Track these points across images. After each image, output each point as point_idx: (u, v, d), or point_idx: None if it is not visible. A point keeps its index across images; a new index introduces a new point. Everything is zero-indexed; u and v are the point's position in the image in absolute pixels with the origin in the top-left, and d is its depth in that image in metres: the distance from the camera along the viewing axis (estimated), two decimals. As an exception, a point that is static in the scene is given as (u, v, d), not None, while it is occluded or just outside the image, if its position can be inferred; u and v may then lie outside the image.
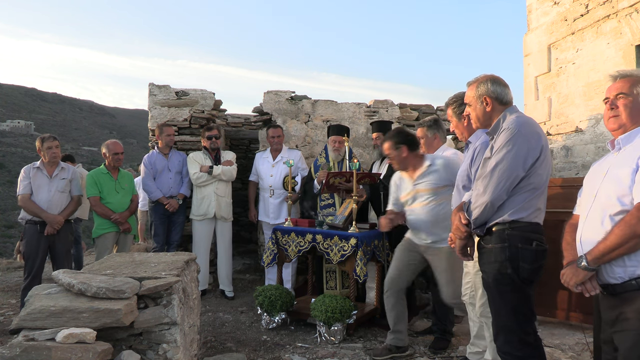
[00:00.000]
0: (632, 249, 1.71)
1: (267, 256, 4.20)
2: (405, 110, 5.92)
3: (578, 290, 1.87)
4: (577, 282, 1.85)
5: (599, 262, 1.79)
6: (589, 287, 1.84)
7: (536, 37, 5.27)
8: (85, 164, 13.68)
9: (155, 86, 5.45)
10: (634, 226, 1.69)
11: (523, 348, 2.16)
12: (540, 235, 2.19)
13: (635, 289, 1.72)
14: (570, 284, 1.88)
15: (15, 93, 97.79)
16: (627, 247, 1.71)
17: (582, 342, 3.39)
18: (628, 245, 1.71)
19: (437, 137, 3.70)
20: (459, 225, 2.31)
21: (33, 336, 2.01)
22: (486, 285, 2.29)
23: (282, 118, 5.71)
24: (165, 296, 2.44)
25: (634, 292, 1.73)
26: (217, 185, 4.94)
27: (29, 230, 4.27)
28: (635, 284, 1.72)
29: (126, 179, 4.75)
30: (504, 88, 2.36)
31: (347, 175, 4.21)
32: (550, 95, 5.09)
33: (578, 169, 4.65)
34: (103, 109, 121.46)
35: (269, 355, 3.41)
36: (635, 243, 1.70)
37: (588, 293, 1.85)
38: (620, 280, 1.76)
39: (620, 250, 1.72)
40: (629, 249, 1.71)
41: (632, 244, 1.70)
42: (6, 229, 39.51)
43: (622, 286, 1.76)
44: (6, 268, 6.96)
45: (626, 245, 1.71)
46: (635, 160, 1.76)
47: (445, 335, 3.59)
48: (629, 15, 4.08)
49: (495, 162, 2.15)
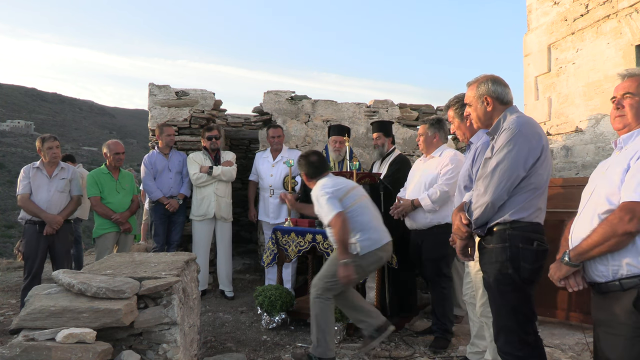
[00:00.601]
0: (613, 248, 1.72)
1: (267, 256, 4.20)
2: (405, 110, 5.92)
3: (561, 285, 1.90)
4: (560, 277, 1.88)
5: (581, 259, 1.81)
6: (572, 282, 1.87)
7: (536, 37, 5.27)
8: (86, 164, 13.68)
9: (155, 86, 5.45)
10: (615, 225, 1.69)
11: (523, 348, 2.16)
12: (541, 235, 2.19)
13: (619, 290, 1.72)
14: (554, 278, 1.91)
15: (15, 93, 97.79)
16: (608, 245, 1.72)
17: (582, 342, 3.40)
18: (608, 243, 1.71)
19: (437, 137, 3.70)
20: (460, 225, 2.31)
21: (33, 336, 2.01)
22: (487, 285, 2.29)
23: (282, 118, 5.71)
24: (165, 296, 2.44)
25: (619, 292, 1.73)
26: (217, 185, 4.94)
27: (28, 230, 4.27)
28: (619, 284, 1.72)
29: (127, 179, 4.75)
30: (505, 88, 2.36)
31: (347, 175, 4.20)
32: (550, 95, 5.09)
33: (578, 169, 4.65)
34: (103, 109, 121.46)
35: (269, 355, 3.41)
36: (615, 242, 1.70)
37: (571, 288, 1.88)
38: (604, 279, 1.77)
39: (601, 248, 1.74)
40: (609, 247, 1.72)
41: (613, 242, 1.71)
42: (6, 229, 39.52)
43: (607, 286, 1.76)
44: (6, 268, 6.96)
45: (607, 244, 1.72)
46: (628, 159, 1.77)
47: (445, 334, 3.58)
48: (629, 15, 4.08)
49: (496, 162, 2.15)
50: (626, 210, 1.68)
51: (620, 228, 1.68)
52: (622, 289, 1.71)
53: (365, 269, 3.19)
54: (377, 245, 3.16)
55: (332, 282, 3.12)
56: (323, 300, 3.15)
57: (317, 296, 3.16)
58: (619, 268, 1.72)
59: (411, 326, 4.04)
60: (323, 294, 3.15)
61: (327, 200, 3.09)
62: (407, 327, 4.01)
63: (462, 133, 3.05)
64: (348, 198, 3.18)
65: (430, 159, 3.72)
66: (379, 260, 3.22)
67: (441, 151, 3.67)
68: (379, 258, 3.20)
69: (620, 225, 1.67)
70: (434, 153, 3.70)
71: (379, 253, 3.18)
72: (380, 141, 4.40)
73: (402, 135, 5.78)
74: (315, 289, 3.18)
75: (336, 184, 3.22)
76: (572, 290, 1.88)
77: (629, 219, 1.66)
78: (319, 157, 3.39)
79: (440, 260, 3.57)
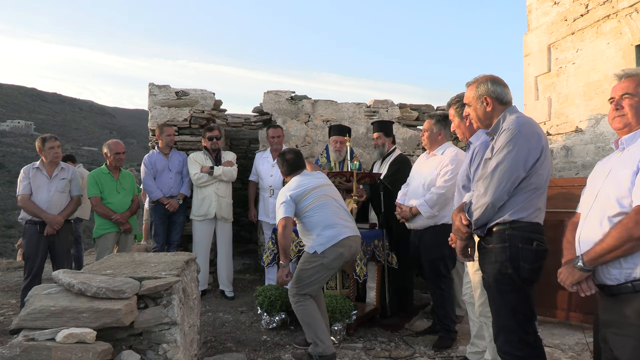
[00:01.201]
0: (628, 252, 1.71)
1: (267, 256, 4.20)
2: (405, 110, 5.92)
3: (573, 290, 1.88)
4: (572, 282, 1.85)
5: (595, 264, 1.78)
6: (584, 287, 1.84)
7: (536, 37, 5.27)
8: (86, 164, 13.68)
9: (155, 86, 5.45)
10: (631, 229, 1.68)
11: (523, 348, 2.16)
12: (540, 235, 2.19)
13: (631, 292, 1.71)
14: (566, 284, 1.88)
15: (15, 93, 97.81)
16: (623, 249, 1.70)
17: (582, 342, 3.40)
18: (624, 247, 1.70)
19: (442, 134, 3.65)
20: (460, 226, 2.31)
21: (33, 336, 2.01)
22: (486, 285, 2.29)
23: (282, 118, 5.71)
24: (165, 296, 2.44)
25: (630, 294, 1.72)
26: (217, 185, 4.94)
27: (28, 230, 4.27)
28: (631, 286, 1.71)
29: (127, 179, 4.75)
30: (504, 88, 2.36)
31: (347, 175, 4.21)
32: (550, 95, 5.10)
33: (578, 169, 4.65)
34: (103, 109, 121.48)
35: (269, 355, 3.41)
36: (631, 246, 1.69)
37: (583, 293, 1.86)
38: (616, 281, 1.76)
39: (617, 252, 1.72)
40: (625, 252, 1.71)
41: (629, 246, 1.69)
42: (6, 229, 39.54)
43: (618, 288, 1.75)
44: (6, 268, 6.96)
45: (622, 248, 1.70)
46: (637, 162, 1.75)
47: (450, 334, 3.58)
48: (629, 15, 4.08)
49: (496, 162, 2.15)
50: None
51: (636, 232, 1.66)
52: (634, 291, 1.71)
53: (328, 266, 3.23)
54: (333, 241, 3.22)
55: (302, 285, 3.23)
56: (301, 303, 3.23)
57: (295, 302, 3.26)
58: (632, 271, 1.71)
59: (411, 326, 4.04)
60: (299, 299, 3.23)
61: (281, 204, 3.30)
62: (407, 327, 4.01)
63: (461, 132, 3.05)
64: (307, 198, 3.31)
65: (432, 156, 3.69)
66: (340, 256, 3.24)
67: (444, 149, 3.62)
68: (338, 254, 3.23)
69: (637, 229, 1.66)
70: (436, 151, 3.65)
71: (338, 249, 3.22)
72: (381, 141, 4.40)
73: (402, 135, 5.78)
74: (291, 297, 3.28)
75: (300, 184, 3.37)
76: (584, 294, 1.86)
77: None
78: (295, 156, 3.54)
79: (439, 261, 3.56)
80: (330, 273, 3.30)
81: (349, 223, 3.38)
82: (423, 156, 3.85)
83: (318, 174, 3.57)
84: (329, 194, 3.42)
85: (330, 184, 3.56)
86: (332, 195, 3.45)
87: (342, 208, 3.44)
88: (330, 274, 3.31)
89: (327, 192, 3.43)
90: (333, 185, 3.59)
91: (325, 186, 3.46)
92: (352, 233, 3.33)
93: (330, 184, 3.56)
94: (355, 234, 3.36)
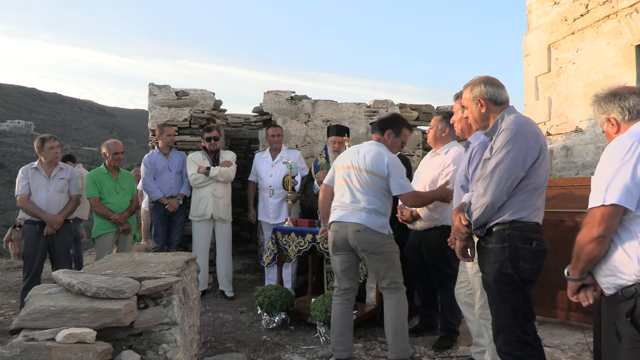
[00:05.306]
0: (593, 254, 1.73)
1: (267, 256, 4.20)
2: (405, 110, 5.92)
3: (575, 300, 1.90)
4: (570, 294, 1.89)
5: (577, 272, 1.81)
6: (582, 297, 1.87)
7: (536, 37, 5.27)
8: (85, 164, 13.68)
9: (155, 86, 5.45)
10: (585, 234, 1.72)
11: (523, 348, 2.16)
12: (540, 235, 2.19)
13: (622, 301, 1.72)
14: (569, 295, 1.91)
15: (15, 93, 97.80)
16: (587, 252, 1.73)
17: (582, 342, 3.40)
18: (586, 251, 1.73)
19: (446, 131, 3.58)
20: (459, 226, 2.30)
21: (33, 336, 2.01)
22: (486, 286, 2.29)
23: (282, 118, 5.71)
24: (165, 296, 2.45)
25: (622, 302, 1.72)
26: (214, 186, 4.92)
27: (28, 230, 4.28)
28: (621, 295, 1.71)
29: (126, 179, 4.75)
30: (498, 88, 2.36)
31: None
32: (550, 95, 5.10)
33: (578, 169, 4.65)
34: (103, 109, 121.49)
35: (269, 355, 3.41)
36: (591, 248, 1.72)
37: (582, 303, 1.88)
38: (610, 291, 1.76)
39: (583, 257, 1.75)
40: (589, 254, 1.73)
41: (588, 249, 1.72)
42: (6, 229, 39.49)
43: (615, 297, 1.75)
44: (6, 268, 6.96)
45: (585, 251, 1.73)
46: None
47: (451, 334, 3.57)
48: (629, 15, 4.08)
49: (495, 162, 2.15)
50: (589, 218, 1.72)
51: (584, 238, 1.72)
52: (625, 298, 1.71)
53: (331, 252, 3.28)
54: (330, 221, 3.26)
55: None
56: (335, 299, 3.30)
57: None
58: (614, 278, 1.72)
59: (411, 326, 4.03)
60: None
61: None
62: (406, 327, 4.00)
63: (460, 127, 3.03)
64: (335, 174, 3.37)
65: (436, 156, 3.65)
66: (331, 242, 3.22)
67: (448, 149, 3.57)
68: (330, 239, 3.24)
69: (585, 235, 1.72)
70: (440, 150, 3.61)
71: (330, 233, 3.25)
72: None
73: (402, 135, 5.78)
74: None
75: (340, 157, 3.41)
76: (584, 304, 1.87)
77: (590, 226, 1.69)
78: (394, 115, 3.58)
79: (443, 263, 3.54)
80: (335, 259, 3.25)
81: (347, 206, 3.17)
82: (428, 156, 3.82)
83: (366, 146, 3.32)
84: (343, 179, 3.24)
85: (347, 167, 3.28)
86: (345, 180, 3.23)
87: (349, 190, 3.20)
88: (335, 260, 3.27)
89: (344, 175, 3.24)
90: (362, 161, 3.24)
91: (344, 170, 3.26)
92: (336, 219, 3.18)
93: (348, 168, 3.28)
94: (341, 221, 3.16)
